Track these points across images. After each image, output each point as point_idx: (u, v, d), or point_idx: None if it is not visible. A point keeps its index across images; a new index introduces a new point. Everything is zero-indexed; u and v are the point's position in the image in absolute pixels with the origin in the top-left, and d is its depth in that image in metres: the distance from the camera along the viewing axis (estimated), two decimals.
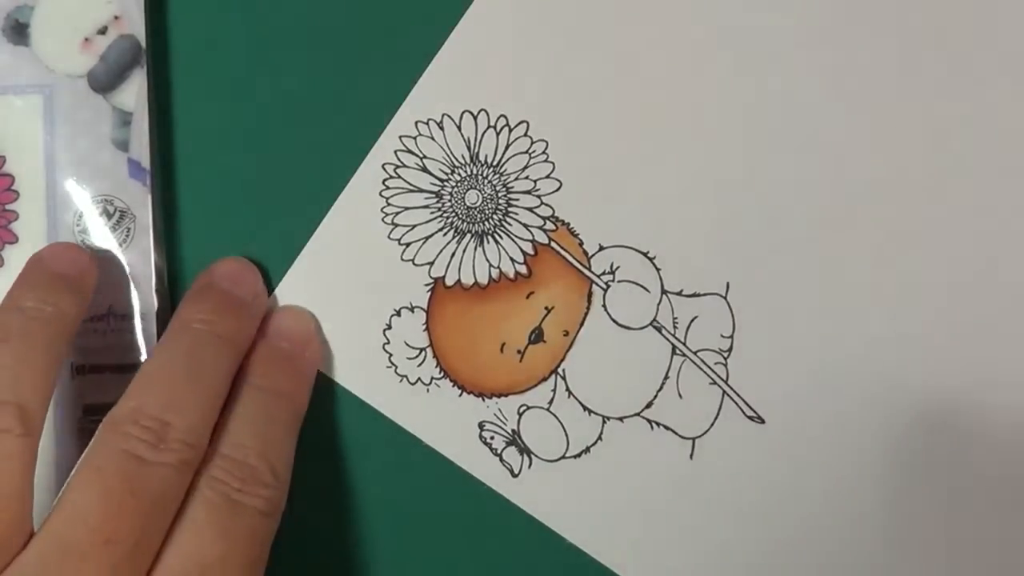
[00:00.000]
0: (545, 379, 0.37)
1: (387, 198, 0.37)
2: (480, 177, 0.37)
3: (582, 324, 0.37)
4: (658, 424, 0.37)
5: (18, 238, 0.36)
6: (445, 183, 0.37)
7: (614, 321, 0.36)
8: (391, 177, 0.37)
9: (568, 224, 0.37)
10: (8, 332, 0.32)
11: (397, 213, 0.37)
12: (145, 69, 0.36)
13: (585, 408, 0.37)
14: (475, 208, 0.37)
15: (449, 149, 0.37)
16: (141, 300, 0.36)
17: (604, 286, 0.37)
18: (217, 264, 0.36)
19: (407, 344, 0.37)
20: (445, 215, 0.37)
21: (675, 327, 0.36)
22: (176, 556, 0.31)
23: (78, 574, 0.29)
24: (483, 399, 0.37)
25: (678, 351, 0.36)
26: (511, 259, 0.37)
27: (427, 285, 0.37)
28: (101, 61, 0.36)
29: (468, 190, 0.37)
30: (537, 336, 0.37)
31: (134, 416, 0.31)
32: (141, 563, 0.30)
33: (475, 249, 0.37)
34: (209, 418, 0.33)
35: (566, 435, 0.37)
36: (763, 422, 0.36)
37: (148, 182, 0.36)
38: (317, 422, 0.37)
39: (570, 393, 0.37)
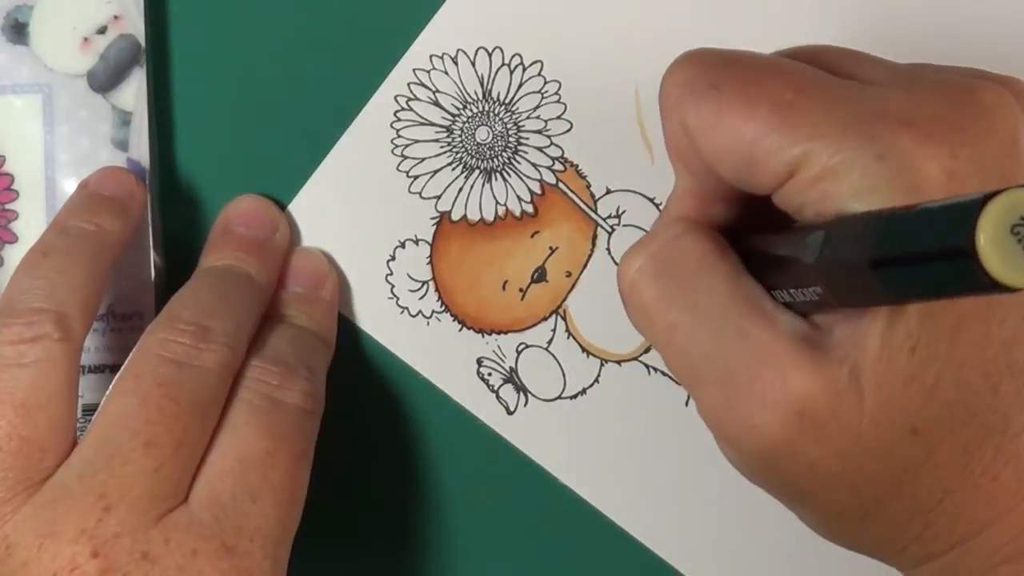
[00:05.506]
0: (545, 319, 0.37)
1: (398, 130, 0.37)
2: (491, 114, 0.37)
3: (585, 266, 0.37)
4: (655, 370, 0.37)
5: (18, 237, 0.36)
6: (456, 118, 0.37)
7: (617, 264, 0.36)
8: (403, 109, 0.37)
9: (577, 166, 0.37)
10: (50, 248, 0.32)
11: (407, 146, 0.37)
12: (144, 69, 0.36)
13: (584, 349, 0.37)
14: (485, 145, 0.37)
15: (462, 85, 0.37)
16: (141, 300, 0.36)
17: (609, 229, 0.37)
18: (232, 205, 0.36)
19: (410, 276, 0.37)
20: (455, 150, 0.37)
21: None
22: (219, 456, 0.31)
23: (123, 477, 0.29)
24: (482, 335, 0.37)
25: None
26: (518, 197, 0.37)
27: (433, 219, 0.37)
28: (100, 61, 0.36)
29: (479, 126, 0.37)
30: (540, 275, 0.37)
31: (171, 323, 0.32)
32: (185, 465, 0.30)
33: (483, 186, 0.37)
34: (244, 331, 0.33)
35: (563, 375, 0.37)
36: None
37: (147, 181, 0.36)
38: None
39: (570, 334, 0.37)
